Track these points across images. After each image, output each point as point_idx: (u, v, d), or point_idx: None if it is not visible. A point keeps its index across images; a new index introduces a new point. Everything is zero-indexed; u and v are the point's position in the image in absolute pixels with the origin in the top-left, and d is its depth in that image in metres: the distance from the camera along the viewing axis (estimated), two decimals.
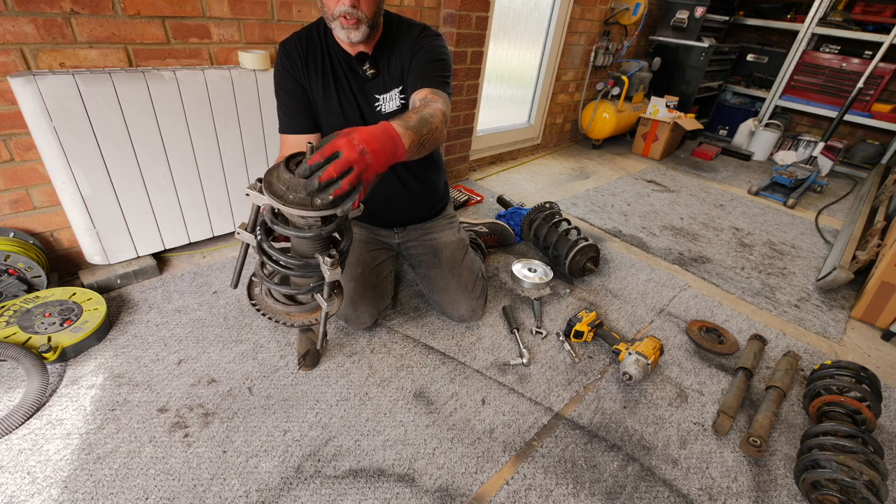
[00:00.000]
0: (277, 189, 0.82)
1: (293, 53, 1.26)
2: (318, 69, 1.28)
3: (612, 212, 2.60)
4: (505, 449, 1.16)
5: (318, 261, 0.94)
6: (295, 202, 0.80)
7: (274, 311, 1.06)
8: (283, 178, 0.82)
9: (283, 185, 0.82)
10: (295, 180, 0.81)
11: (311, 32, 1.28)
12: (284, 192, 0.81)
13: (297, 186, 0.81)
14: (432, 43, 1.26)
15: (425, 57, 1.24)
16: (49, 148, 1.33)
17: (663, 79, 3.82)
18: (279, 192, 0.82)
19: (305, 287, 1.03)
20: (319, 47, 1.27)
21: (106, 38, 1.38)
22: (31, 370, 1.13)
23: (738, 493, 1.12)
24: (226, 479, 1.02)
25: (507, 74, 2.94)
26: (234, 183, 1.73)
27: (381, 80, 1.30)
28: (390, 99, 1.31)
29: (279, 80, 1.30)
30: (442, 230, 1.58)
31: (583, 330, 1.51)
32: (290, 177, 0.82)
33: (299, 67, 1.27)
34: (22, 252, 1.36)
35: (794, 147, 3.84)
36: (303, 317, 1.07)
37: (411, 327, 1.53)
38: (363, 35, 1.15)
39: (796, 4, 3.91)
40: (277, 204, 0.81)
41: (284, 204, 0.80)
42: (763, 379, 1.48)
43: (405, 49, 1.26)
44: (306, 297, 1.08)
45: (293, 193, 0.81)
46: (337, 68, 1.28)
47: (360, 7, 1.10)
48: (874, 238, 2.08)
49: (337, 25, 1.14)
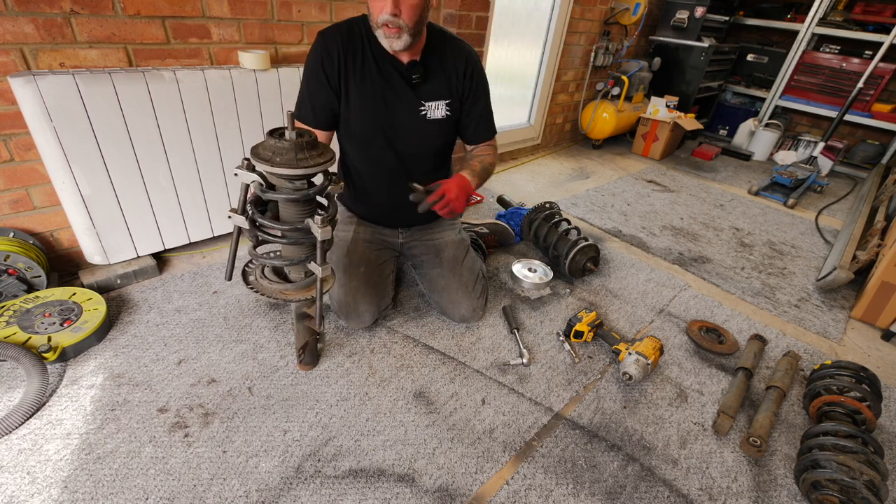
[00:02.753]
0: (265, 155, 0.91)
1: (332, 49, 1.24)
2: (359, 69, 1.27)
3: (612, 212, 2.60)
4: (505, 449, 1.16)
5: (307, 225, 1.00)
6: (282, 163, 0.91)
7: (271, 291, 1.08)
8: (268, 145, 0.92)
9: (269, 151, 0.92)
10: (280, 144, 0.91)
11: (353, 30, 1.26)
12: (271, 156, 0.91)
13: (281, 150, 0.91)
14: (483, 79, 1.42)
15: (480, 102, 1.43)
16: (49, 148, 1.33)
17: (663, 79, 3.82)
18: (266, 157, 0.91)
19: (292, 259, 1.07)
20: (362, 47, 1.26)
21: (106, 38, 1.38)
22: (31, 370, 1.13)
23: (738, 493, 1.12)
24: (226, 479, 1.02)
25: (507, 74, 2.94)
26: (234, 183, 1.73)
27: (427, 88, 1.33)
28: (436, 108, 1.36)
29: (312, 71, 1.27)
30: (444, 230, 1.59)
31: (583, 330, 1.51)
32: (275, 142, 0.91)
33: (336, 65, 1.25)
34: (22, 252, 1.36)
35: (795, 147, 3.84)
36: (299, 293, 1.09)
37: (411, 327, 1.53)
38: (405, 44, 1.18)
39: (796, 4, 3.91)
40: (267, 167, 0.90)
41: (273, 166, 0.90)
42: (763, 379, 1.48)
43: (457, 66, 1.35)
44: (298, 274, 1.12)
45: (280, 156, 0.91)
46: (382, 70, 1.28)
47: (401, 16, 1.12)
48: (874, 238, 2.08)
49: (381, 33, 1.18)
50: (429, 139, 1.40)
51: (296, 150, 0.92)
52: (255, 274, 1.12)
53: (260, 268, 1.13)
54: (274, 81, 1.65)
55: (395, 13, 1.11)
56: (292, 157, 0.91)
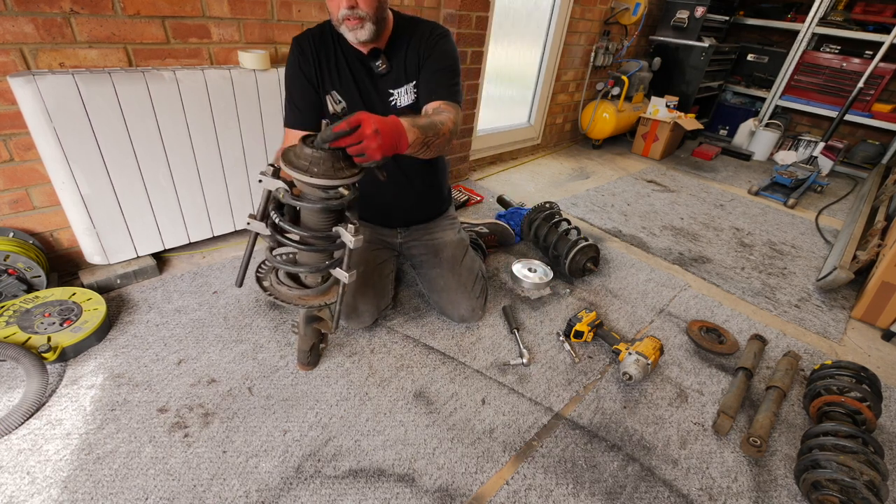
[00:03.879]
0: (301, 165, 0.89)
1: (307, 50, 1.28)
2: (332, 67, 1.30)
3: (612, 212, 2.59)
4: (505, 449, 1.16)
5: (337, 232, 1.00)
6: (320, 174, 0.88)
7: (290, 297, 1.07)
8: (304, 153, 0.90)
9: (305, 160, 0.89)
10: (317, 154, 0.89)
11: (324, 31, 1.30)
12: (308, 166, 0.89)
13: (318, 160, 0.89)
14: (442, 46, 1.29)
15: (435, 64, 1.29)
16: (49, 148, 1.33)
17: (663, 79, 3.82)
18: (303, 167, 0.88)
19: (316, 265, 1.06)
20: (333, 49, 1.29)
21: (106, 37, 1.38)
22: (31, 370, 1.13)
23: (738, 494, 1.12)
24: (226, 479, 1.02)
25: (507, 74, 2.94)
26: (234, 183, 1.73)
27: (394, 75, 1.32)
28: (405, 93, 1.34)
29: (291, 75, 1.31)
30: (443, 230, 1.59)
31: (583, 330, 1.51)
32: (311, 152, 0.89)
33: (312, 64, 1.28)
34: (22, 252, 1.36)
35: (795, 147, 3.83)
36: (317, 299, 1.09)
37: (411, 327, 1.53)
38: (370, 33, 1.18)
39: (796, 4, 3.91)
40: (304, 177, 0.88)
41: (312, 176, 0.88)
42: (763, 379, 1.48)
43: (420, 46, 1.30)
44: (315, 279, 1.11)
45: (317, 167, 0.89)
46: (351, 66, 1.30)
47: (359, 6, 1.13)
48: (874, 238, 2.08)
49: (344, 29, 1.18)
50: None
51: (332, 160, 0.90)
52: (270, 279, 1.11)
53: (273, 272, 1.12)
54: (274, 81, 1.65)
55: (353, 5, 1.12)
56: (329, 166, 0.90)
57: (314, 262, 1.07)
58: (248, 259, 1.03)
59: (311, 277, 1.11)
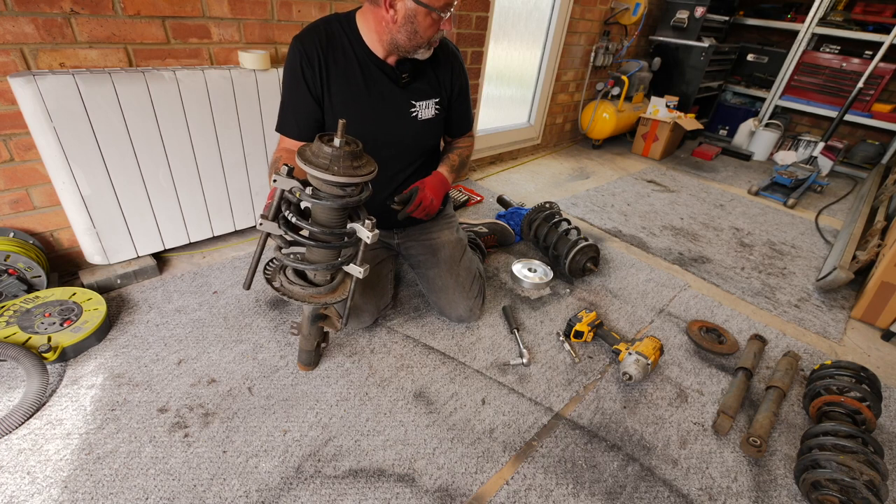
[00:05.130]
0: (320, 163, 0.91)
1: (312, 54, 1.20)
2: (342, 72, 1.24)
3: (612, 212, 2.60)
4: (505, 449, 1.16)
5: (351, 229, 1.03)
6: (341, 172, 0.91)
7: (302, 296, 1.08)
8: (323, 152, 0.91)
9: (325, 158, 0.91)
10: (336, 153, 0.91)
11: (332, 31, 1.22)
12: (329, 164, 0.91)
13: (338, 158, 0.91)
14: (467, 74, 1.43)
15: (464, 96, 1.44)
16: (49, 148, 1.33)
17: (663, 79, 3.82)
18: (323, 165, 0.90)
19: (328, 262, 1.06)
20: (343, 48, 1.23)
21: (106, 38, 1.38)
22: (31, 370, 1.13)
23: (738, 493, 1.12)
24: (226, 479, 1.02)
25: (507, 74, 2.94)
26: (234, 183, 1.73)
27: (417, 88, 1.33)
28: (426, 108, 1.36)
29: (291, 81, 1.24)
30: (441, 230, 1.59)
31: (583, 330, 1.51)
32: (332, 150, 0.91)
33: (317, 71, 1.21)
34: (22, 252, 1.36)
35: (794, 147, 3.84)
36: (328, 297, 1.10)
37: (411, 327, 1.53)
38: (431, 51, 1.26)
39: (796, 4, 3.91)
40: (326, 175, 0.90)
41: (333, 174, 0.90)
42: (763, 379, 1.48)
43: (447, 65, 1.36)
44: (324, 276, 1.12)
45: (337, 164, 0.91)
46: (366, 72, 1.26)
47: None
48: (874, 238, 2.08)
49: (425, 48, 1.21)
50: (420, 139, 1.40)
51: (352, 159, 0.92)
52: (279, 278, 1.11)
53: (281, 272, 1.12)
54: (274, 81, 1.65)
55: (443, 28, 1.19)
56: (349, 164, 0.92)
57: (326, 259, 1.07)
58: (257, 260, 1.03)
59: (321, 275, 1.12)
